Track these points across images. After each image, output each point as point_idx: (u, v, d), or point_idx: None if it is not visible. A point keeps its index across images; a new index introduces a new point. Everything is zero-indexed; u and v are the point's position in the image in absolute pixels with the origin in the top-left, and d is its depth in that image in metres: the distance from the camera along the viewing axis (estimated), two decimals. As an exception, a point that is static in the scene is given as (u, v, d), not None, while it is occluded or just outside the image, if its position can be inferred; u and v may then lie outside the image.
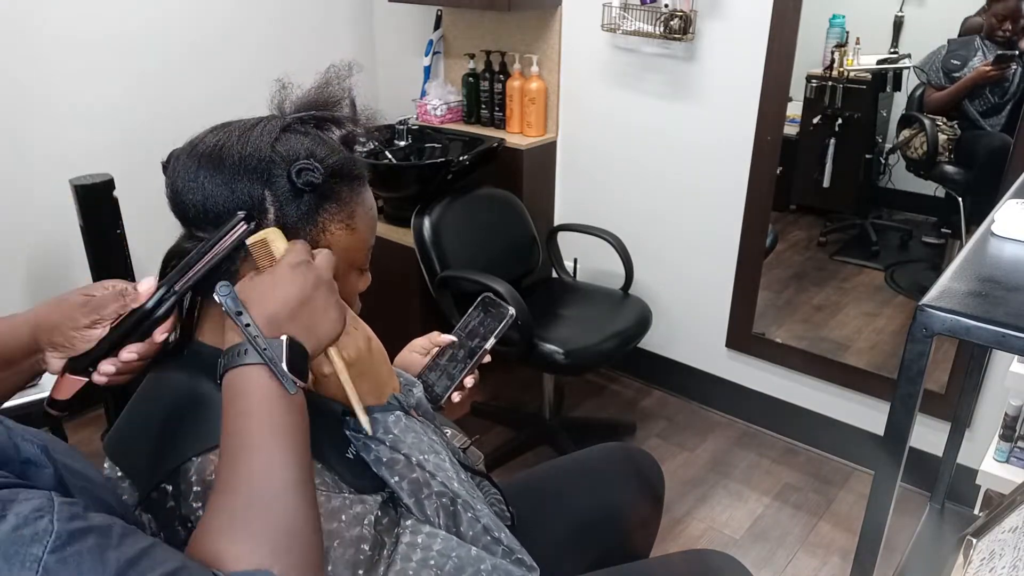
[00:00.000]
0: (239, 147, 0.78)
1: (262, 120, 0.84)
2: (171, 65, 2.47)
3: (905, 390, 0.92)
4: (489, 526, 0.89)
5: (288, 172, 0.78)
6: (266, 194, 0.78)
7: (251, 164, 0.78)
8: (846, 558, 2.03)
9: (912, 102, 2.95)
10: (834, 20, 2.84)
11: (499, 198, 2.47)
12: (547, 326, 2.19)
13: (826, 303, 2.90)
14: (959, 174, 2.89)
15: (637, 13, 2.29)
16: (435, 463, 0.88)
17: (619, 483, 1.30)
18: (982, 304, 0.88)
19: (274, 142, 0.80)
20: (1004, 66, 2.65)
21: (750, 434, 2.54)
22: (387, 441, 0.86)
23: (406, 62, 2.99)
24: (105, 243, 2.21)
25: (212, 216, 0.78)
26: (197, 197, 0.78)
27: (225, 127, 0.83)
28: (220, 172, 0.77)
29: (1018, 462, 1.78)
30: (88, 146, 2.33)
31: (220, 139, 0.80)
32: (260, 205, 0.78)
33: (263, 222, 0.78)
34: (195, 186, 0.78)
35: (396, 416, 0.88)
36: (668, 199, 2.49)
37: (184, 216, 0.81)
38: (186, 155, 0.80)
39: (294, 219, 0.79)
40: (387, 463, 0.85)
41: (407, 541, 0.83)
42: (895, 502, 1.00)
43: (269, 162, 0.78)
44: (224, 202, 0.77)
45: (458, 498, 0.88)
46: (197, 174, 0.78)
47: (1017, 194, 1.21)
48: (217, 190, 0.77)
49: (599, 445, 1.37)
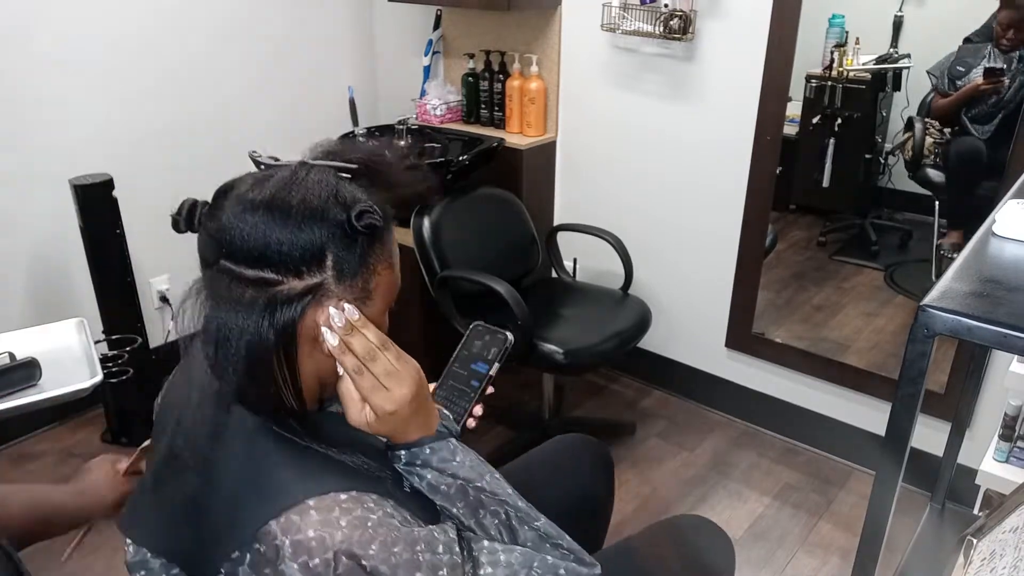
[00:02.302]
0: (300, 193, 0.76)
1: (304, 166, 0.81)
2: (171, 65, 2.47)
3: (906, 390, 0.92)
4: (549, 533, 0.89)
5: (348, 217, 0.76)
6: (327, 239, 0.76)
7: (312, 209, 0.76)
8: (846, 558, 2.03)
9: (922, 107, 2.97)
10: (834, 20, 2.84)
11: (499, 198, 2.47)
12: (547, 326, 2.19)
13: (826, 303, 2.90)
14: (938, 177, 2.93)
15: (637, 13, 2.29)
16: (492, 482, 0.88)
17: (581, 471, 1.37)
18: (983, 304, 0.88)
19: (336, 188, 0.78)
20: (995, 81, 2.67)
21: (750, 434, 2.54)
22: (442, 468, 0.86)
23: (406, 62, 2.98)
24: (105, 243, 2.21)
25: (272, 261, 0.75)
26: (255, 242, 0.75)
27: (267, 176, 0.80)
28: (282, 218, 0.75)
29: (1018, 462, 1.78)
30: (88, 146, 2.33)
31: (275, 186, 0.77)
32: (320, 251, 0.76)
33: (323, 268, 0.77)
34: (252, 231, 0.75)
35: (452, 445, 0.88)
36: (668, 199, 2.49)
37: (230, 254, 0.76)
38: (236, 201, 0.77)
39: (352, 264, 0.78)
40: (442, 492, 0.85)
41: (486, 560, 0.84)
42: (895, 502, 1.00)
43: (329, 207, 0.76)
44: (288, 248, 0.75)
45: (513, 512, 0.88)
46: (254, 218, 0.75)
47: (1017, 194, 1.21)
48: (279, 235, 0.75)
49: (554, 438, 1.44)
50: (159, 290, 2.61)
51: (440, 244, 2.23)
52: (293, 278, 0.76)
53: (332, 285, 0.77)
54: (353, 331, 0.79)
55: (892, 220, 3.27)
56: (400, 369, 0.81)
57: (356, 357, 0.79)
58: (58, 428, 2.48)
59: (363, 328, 0.80)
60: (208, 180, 0.85)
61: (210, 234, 0.78)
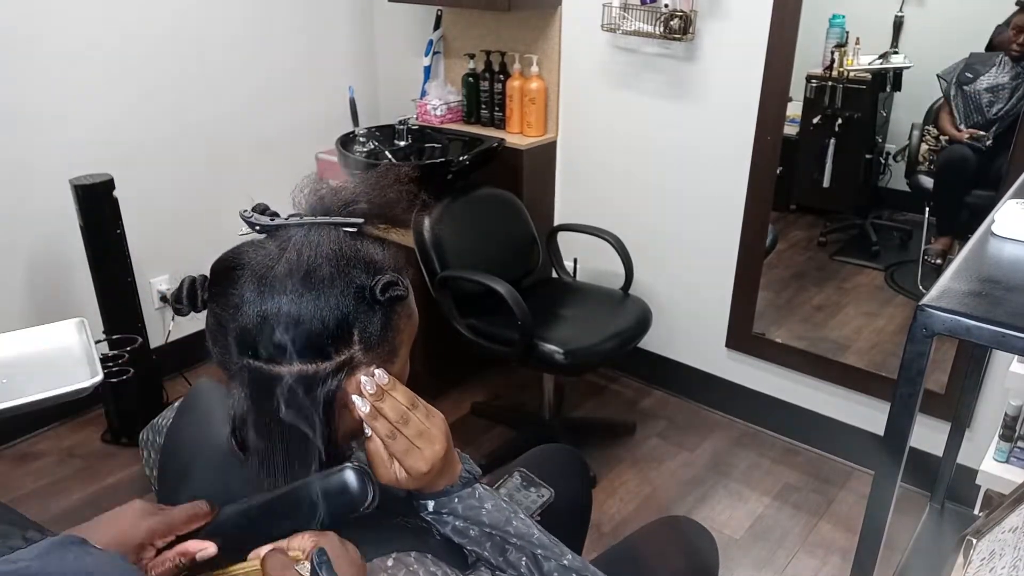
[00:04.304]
0: (316, 269, 0.71)
1: (310, 230, 0.75)
2: (171, 65, 2.47)
3: (905, 390, 0.92)
4: (575, 566, 0.88)
5: (371, 289, 0.73)
6: (352, 314, 0.73)
7: (331, 284, 0.72)
8: (846, 558, 2.02)
9: (930, 114, 2.98)
10: (834, 20, 2.84)
11: (499, 198, 2.47)
12: (547, 326, 2.19)
13: (826, 303, 2.90)
14: (928, 183, 2.98)
15: (637, 13, 2.29)
16: (518, 526, 0.87)
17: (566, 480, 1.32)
18: (982, 304, 0.88)
19: (350, 253, 0.74)
20: (977, 140, 2.75)
21: (750, 434, 2.54)
22: (469, 516, 0.85)
23: (406, 62, 2.98)
24: (105, 243, 2.22)
25: (301, 351, 0.72)
26: (281, 337, 0.71)
27: (272, 255, 0.73)
28: (305, 301, 0.71)
29: (1018, 462, 1.77)
30: (88, 146, 2.33)
31: (287, 265, 0.72)
32: (347, 329, 0.73)
33: (350, 344, 0.74)
34: (276, 325, 0.71)
35: (479, 493, 0.87)
36: (668, 199, 2.49)
37: (256, 352, 0.72)
38: (250, 288, 0.72)
39: (377, 331, 0.75)
40: (470, 536, 0.85)
41: None
42: (895, 502, 1.00)
43: (350, 279, 0.73)
44: (316, 336, 0.72)
45: (540, 550, 0.87)
46: (275, 307, 0.71)
47: (1017, 194, 1.21)
48: (305, 325, 0.71)
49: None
50: (159, 290, 2.61)
51: (440, 244, 2.23)
52: (323, 361, 0.73)
53: (361, 356, 0.75)
54: (384, 395, 0.77)
55: (892, 220, 3.27)
56: (431, 427, 0.80)
57: (388, 422, 0.77)
58: (58, 428, 2.48)
59: (393, 391, 0.78)
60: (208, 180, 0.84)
61: (223, 328, 0.74)
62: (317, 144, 2.91)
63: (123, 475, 2.28)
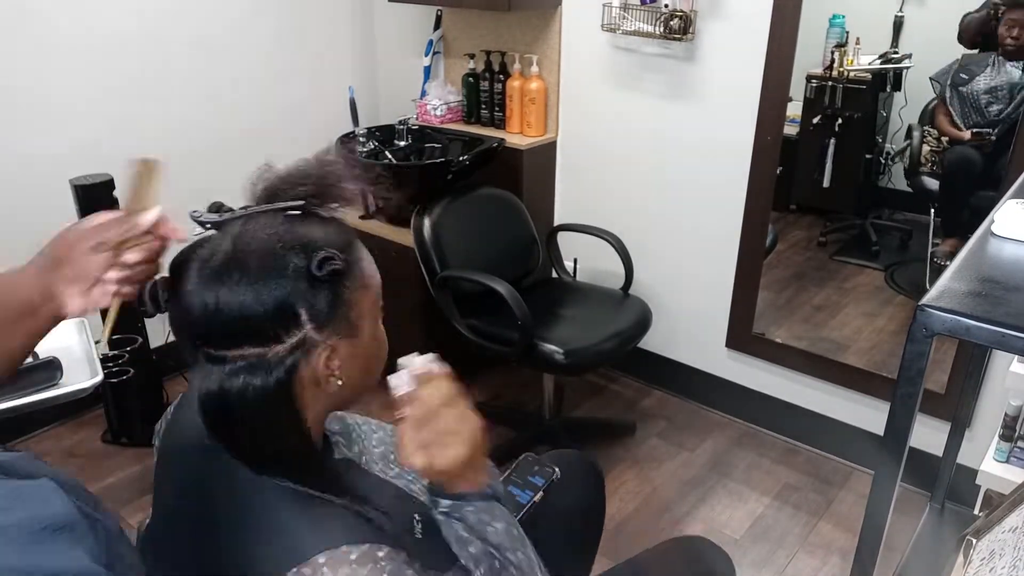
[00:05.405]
0: (254, 253, 0.73)
1: (249, 219, 0.78)
2: (171, 65, 2.47)
3: (905, 390, 0.92)
4: None
5: (308, 267, 0.74)
6: (294, 294, 0.74)
7: (270, 267, 0.73)
8: (846, 558, 2.02)
9: (924, 114, 2.98)
10: (834, 20, 2.84)
11: (499, 198, 2.47)
12: (547, 326, 2.19)
13: (826, 303, 2.90)
14: (933, 185, 2.96)
15: (637, 13, 2.29)
16: (522, 559, 0.86)
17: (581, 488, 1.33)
18: (982, 304, 0.88)
19: (288, 235, 0.75)
20: (981, 140, 2.75)
21: (750, 434, 2.54)
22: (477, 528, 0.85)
23: (406, 62, 2.98)
24: (105, 243, 2.21)
25: (249, 335, 0.74)
26: (225, 322, 0.73)
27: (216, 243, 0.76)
28: (244, 286, 0.72)
29: (1018, 462, 1.77)
30: (88, 146, 2.33)
31: (226, 253, 0.74)
32: (291, 309, 0.74)
33: (299, 324, 0.75)
34: (219, 311, 0.73)
35: (497, 511, 0.87)
36: (668, 199, 2.49)
37: (207, 340, 0.75)
38: (194, 278, 0.75)
39: (326, 308, 0.75)
40: (469, 551, 0.85)
41: None
42: (895, 502, 1.00)
43: (287, 260, 0.74)
44: (260, 318, 0.73)
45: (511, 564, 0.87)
46: (216, 295, 0.73)
47: (1017, 194, 1.21)
48: (247, 308, 0.72)
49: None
50: (159, 290, 2.61)
51: (440, 244, 2.23)
52: (275, 344, 0.74)
53: (314, 334, 0.76)
54: (423, 384, 0.81)
55: (892, 220, 3.27)
56: (461, 430, 0.81)
57: (420, 410, 0.80)
58: (58, 428, 2.48)
59: (431, 383, 0.82)
60: (208, 179, 0.84)
61: (180, 322, 0.77)
62: (317, 144, 2.91)
63: (123, 475, 2.28)
